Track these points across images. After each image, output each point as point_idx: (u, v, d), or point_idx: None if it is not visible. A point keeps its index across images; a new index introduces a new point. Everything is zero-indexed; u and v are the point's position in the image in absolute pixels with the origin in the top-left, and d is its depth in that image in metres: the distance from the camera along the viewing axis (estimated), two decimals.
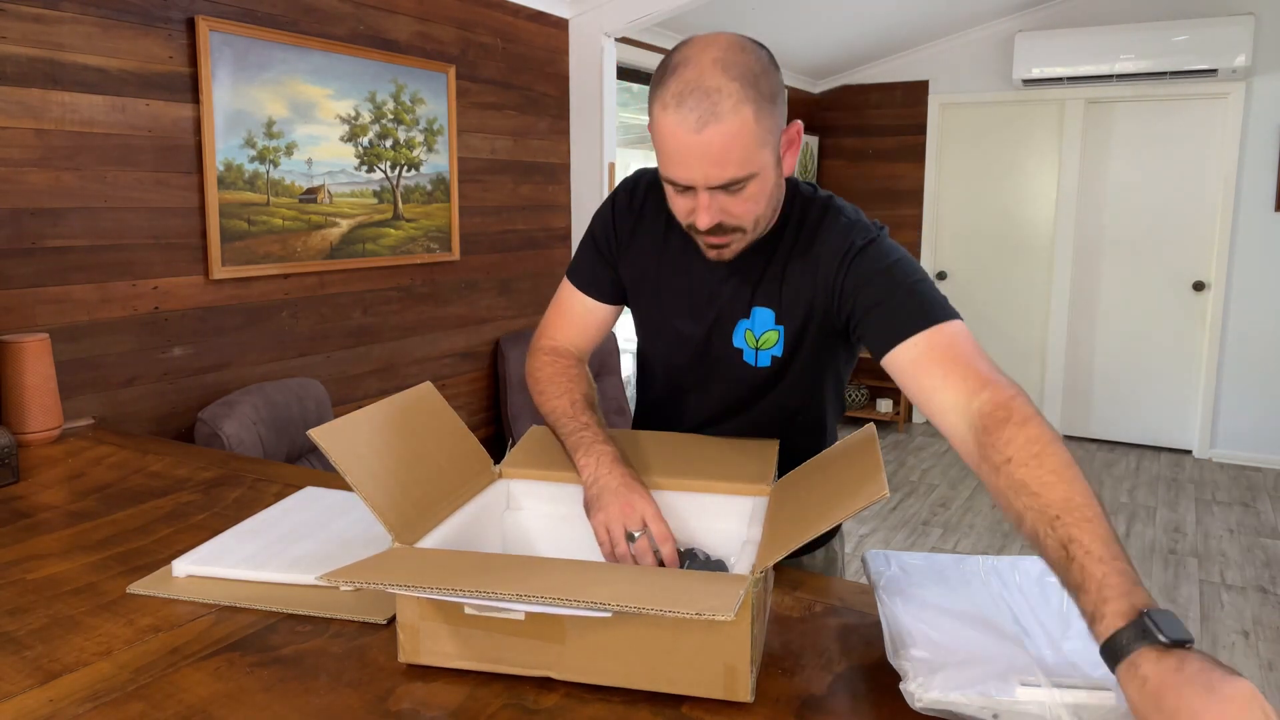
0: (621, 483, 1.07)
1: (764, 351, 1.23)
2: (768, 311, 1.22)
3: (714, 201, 1.07)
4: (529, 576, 0.82)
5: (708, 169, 1.04)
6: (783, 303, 1.21)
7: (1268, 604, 3.33)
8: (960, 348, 1.04)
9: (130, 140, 2.20)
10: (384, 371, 3.00)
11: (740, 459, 1.18)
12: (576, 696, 0.85)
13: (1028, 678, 0.77)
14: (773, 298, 1.21)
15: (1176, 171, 5.07)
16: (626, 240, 1.31)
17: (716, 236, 1.12)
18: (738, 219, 1.10)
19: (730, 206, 1.08)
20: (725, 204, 1.08)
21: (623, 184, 1.34)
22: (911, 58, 5.65)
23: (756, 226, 1.14)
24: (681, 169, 1.05)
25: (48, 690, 0.86)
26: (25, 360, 1.75)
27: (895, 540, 3.95)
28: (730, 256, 1.16)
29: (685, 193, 1.09)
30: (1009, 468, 0.87)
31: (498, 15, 3.35)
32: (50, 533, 1.28)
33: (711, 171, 1.04)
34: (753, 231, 1.14)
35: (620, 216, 1.31)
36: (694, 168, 1.04)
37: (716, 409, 1.31)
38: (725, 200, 1.08)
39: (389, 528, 0.92)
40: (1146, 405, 5.31)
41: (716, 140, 1.01)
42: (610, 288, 1.34)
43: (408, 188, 3.02)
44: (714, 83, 1.01)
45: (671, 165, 1.06)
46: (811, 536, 0.83)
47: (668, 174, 1.08)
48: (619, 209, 1.32)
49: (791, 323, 1.21)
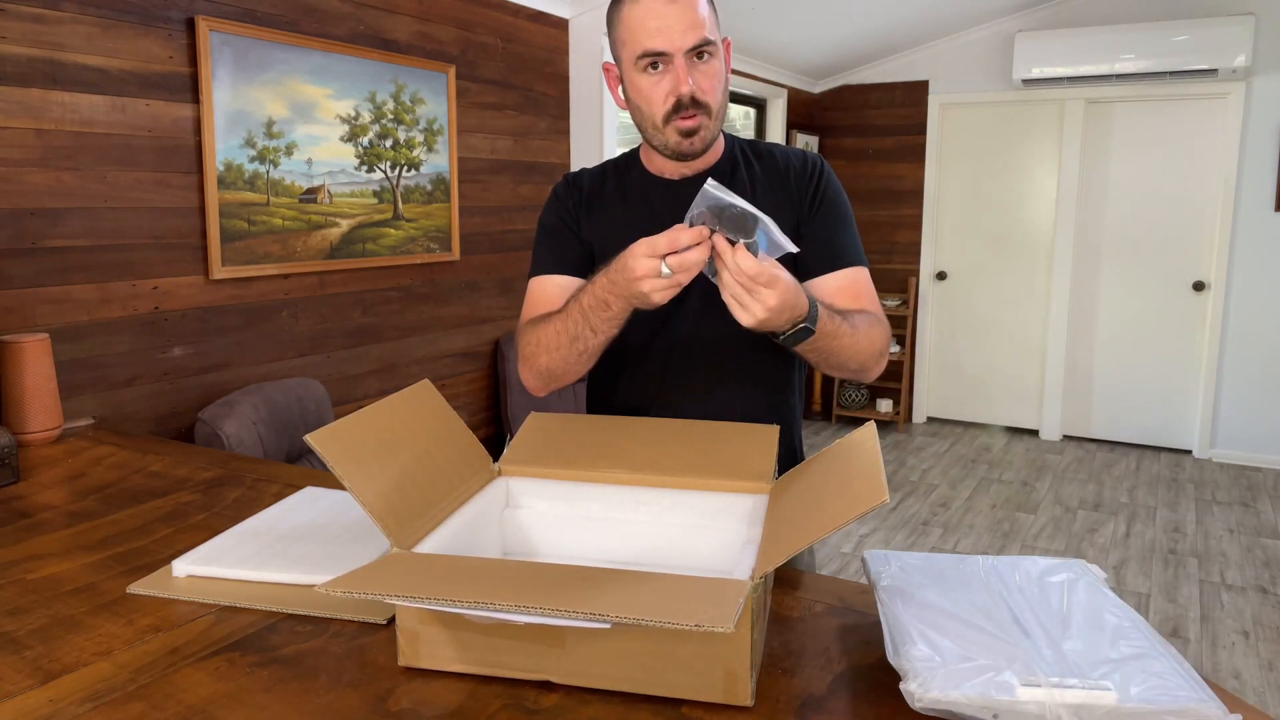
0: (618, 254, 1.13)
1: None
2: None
3: (689, 73, 1.23)
4: (528, 585, 0.82)
5: (685, 31, 1.21)
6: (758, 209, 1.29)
7: (1268, 604, 3.33)
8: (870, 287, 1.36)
9: (130, 140, 2.20)
10: (384, 371, 3.00)
11: (739, 452, 1.18)
12: (576, 697, 0.85)
13: (1028, 678, 0.77)
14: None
15: (1176, 171, 5.07)
16: (585, 210, 1.40)
17: (690, 114, 1.25)
18: (705, 94, 1.25)
19: (699, 80, 1.24)
20: (696, 78, 1.23)
21: (554, 187, 1.46)
22: (911, 58, 5.65)
23: (716, 116, 1.28)
24: (662, 37, 1.21)
25: (48, 690, 0.86)
26: (25, 360, 1.75)
27: (895, 540, 3.95)
28: (701, 146, 1.28)
29: (662, 72, 1.24)
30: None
31: (498, 15, 3.35)
32: (50, 533, 1.28)
33: (689, 34, 1.21)
34: (714, 119, 1.28)
35: (566, 198, 1.42)
36: (673, 31, 1.21)
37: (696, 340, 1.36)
38: (696, 75, 1.23)
39: (387, 533, 0.92)
40: (1146, 405, 5.31)
41: (688, 7, 1.22)
42: (577, 257, 1.38)
43: (408, 188, 3.02)
44: None
45: (651, 38, 1.22)
46: (811, 543, 0.83)
47: (647, 47, 1.22)
48: (561, 196, 1.43)
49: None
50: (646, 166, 1.42)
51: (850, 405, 5.85)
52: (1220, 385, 5.07)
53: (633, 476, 1.16)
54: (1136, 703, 0.74)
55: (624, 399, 1.42)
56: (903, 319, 5.75)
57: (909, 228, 5.80)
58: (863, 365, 1.28)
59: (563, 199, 1.43)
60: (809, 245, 1.34)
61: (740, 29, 4.33)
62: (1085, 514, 4.28)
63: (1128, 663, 0.79)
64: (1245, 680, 2.82)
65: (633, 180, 1.41)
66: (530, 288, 1.41)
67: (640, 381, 1.40)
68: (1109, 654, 0.81)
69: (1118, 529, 4.09)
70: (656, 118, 1.27)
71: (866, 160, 5.89)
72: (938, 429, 5.78)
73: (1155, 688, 0.75)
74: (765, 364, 1.38)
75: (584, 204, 1.41)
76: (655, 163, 1.40)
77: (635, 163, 1.44)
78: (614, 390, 1.44)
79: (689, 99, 1.23)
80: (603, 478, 1.17)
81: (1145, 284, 5.24)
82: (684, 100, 1.23)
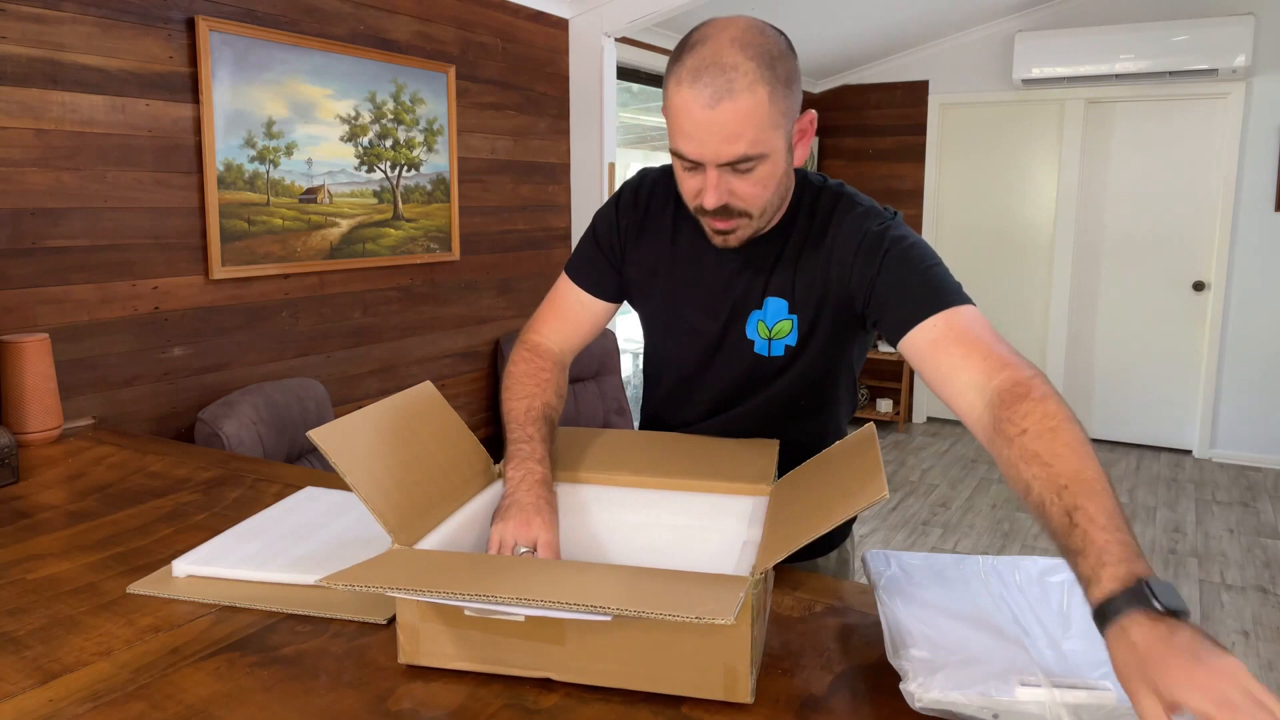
0: (532, 502, 1.05)
1: (777, 341, 1.23)
2: (781, 302, 1.22)
3: (722, 181, 1.07)
4: (529, 579, 0.82)
5: (719, 145, 1.04)
6: (796, 292, 1.21)
7: (1268, 604, 3.33)
8: (978, 330, 1.05)
9: (130, 140, 2.20)
10: (384, 371, 3.00)
11: (740, 459, 1.18)
12: (577, 696, 0.85)
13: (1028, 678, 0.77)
14: (786, 287, 1.21)
15: (1176, 171, 5.07)
16: (633, 238, 1.30)
17: (722, 219, 1.12)
18: (745, 202, 1.10)
19: (738, 188, 1.08)
20: (733, 185, 1.08)
21: (626, 183, 1.34)
22: (911, 58, 5.65)
23: (764, 214, 1.14)
24: (693, 144, 1.05)
25: (48, 690, 0.86)
26: (25, 360, 1.75)
27: (895, 540, 3.95)
28: (736, 244, 1.16)
29: (694, 171, 1.09)
30: (1023, 439, 0.88)
31: (498, 15, 3.35)
32: (50, 533, 1.28)
33: (722, 148, 1.04)
34: (759, 218, 1.14)
35: (624, 214, 1.31)
36: (705, 143, 1.04)
37: (725, 399, 1.30)
38: (734, 181, 1.08)
39: (388, 529, 0.92)
40: (1146, 405, 5.31)
41: (730, 116, 1.02)
42: (610, 286, 1.34)
43: (408, 188, 3.02)
44: (731, 60, 1.01)
45: (683, 140, 1.06)
46: (811, 538, 0.83)
47: (678, 148, 1.08)
48: (623, 207, 1.31)
49: (805, 312, 1.21)
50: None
51: None
52: (1220, 385, 5.07)
53: (634, 479, 1.16)
54: None
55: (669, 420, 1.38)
56: None
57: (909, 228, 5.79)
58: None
59: (622, 216, 1.31)
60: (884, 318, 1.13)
61: None
62: None
63: None
64: None
65: (685, 218, 1.26)
66: (561, 280, 1.37)
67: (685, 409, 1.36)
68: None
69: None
70: (689, 205, 1.15)
71: (866, 160, 5.89)
72: (938, 429, 5.78)
73: None
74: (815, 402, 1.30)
75: (638, 230, 1.30)
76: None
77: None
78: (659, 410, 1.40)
79: (717, 209, 1.10)
80: (604, 479, 1.17)
81: (1145, 284, 5.24)
82: (708, 209, 1.10)
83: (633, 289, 1.33)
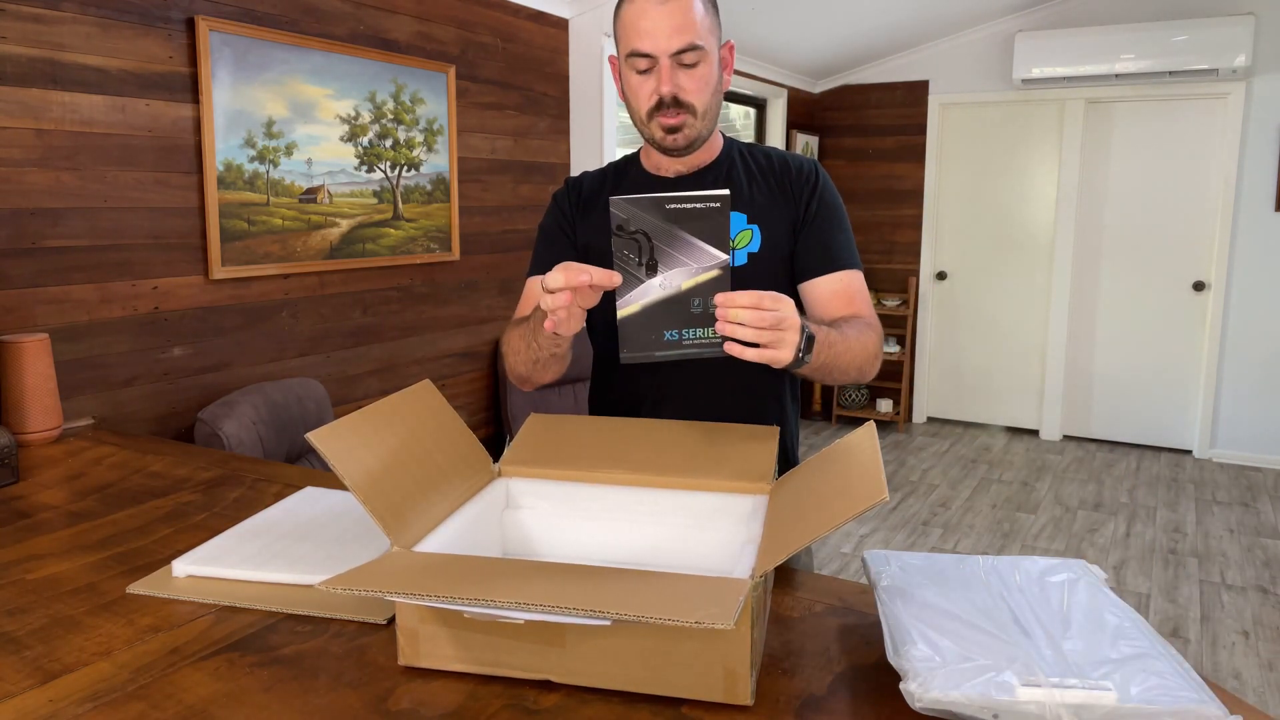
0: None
1: (739, 251, 1.37)
2: (739, 215, 1.38)
3: (672, 75, 1.28)
4: (528, 582, 0.82)
5: (670, 35, 1.25)
6: (754, 206, 1.38)
7: (1268, 604, 3.33)
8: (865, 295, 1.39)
9: (130, 140, 2.20)
10: (384, 371, 3.00)
11: (739, 453, 1.18)
12: (577, 697, 0.85)
13: (1028, 678, 0.77)
14: (742, 203, 1.38)
15: (1176, 171, 5.07)
16: (581, 213, 1.44)
17: (672, 114, 1.29)
18: (690, 95, 1.29)
19: (684, 82, 1.29)
20: (680, 79, 1.28)
21: (555, 191, 1.49)
22: (911, 58, 5.65)
23: (704, 116, 1.32)
24: (648, 39, 1.26)
25: (48, 690, 0.86)
26: (25, 360, 1.75)
27: (895, 540, 3.95)
28: (684, 143, 1.33)
29: (648, 74, 1.29)
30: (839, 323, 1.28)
31: (498, 15, 3.35)
32: (50, 533, 1.28)
33: (674, 38, 1.26)
34: (700, 120, 1.32)
35: (565, 199, 1.47)
36: (658, 35, 1.26)
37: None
38: (680, 76, 1.28)
39: (387, 532, 0.92)
40: (1146, 405, 5.31)
41: (677, 8, 1.26)
42: (571, 258, 1.39)
43: (408, 188, 3.02)
44: None
45: (639, 38, 1.27)
46: (812, 541, 0.83)
47: (635, 47, 1.27)
48: (560, 196, 1.48)
49: (765, 220, 1.38)
50: (645, 165, 1.45)
51: (850, 405, 5.85)
52: (1220, 385, 5.07)
53: (633, 477, 1.16)
54: (1136, 703, 0.74)
55: (618, 401, 1.45)
56: (903, 319, 5.75)
57: (909, 228, 5.80)
58: (860, 371, 1.30)
59: (560, 202, 1.47)
60: (805, 248, 1.38)
61: (740, 29, 4.33)
62: (1085, 514, 4.28)
63: (1128, 663, 0.79)
64: (1245, 680, 2.82)
65: (630, 179, 1.45)
66: (525, 287, 1.46)
67: (633, 388, 1.43)
68: (1109, 654, 0.81)
69: (1118, 529, 4.09)
70: (642, 113, 1.33)
71: (866, 160, 5.89)
72: (938, 429, 5.78)
73: (1155, 688, 0.75)
74: (755, 371, 1.38)
75: (580, 207, 1.45)
76: (653, 160, 1.43)
77: (635, 163, 1.46)
78: (608, 391, 1.48)
79: (670, 99, 1.29)
80: (603, 478, 1.17)
81: (1145, 284, 5.24)
82: (665, 100, 1.29)
83: (591, 254, 1.39)
